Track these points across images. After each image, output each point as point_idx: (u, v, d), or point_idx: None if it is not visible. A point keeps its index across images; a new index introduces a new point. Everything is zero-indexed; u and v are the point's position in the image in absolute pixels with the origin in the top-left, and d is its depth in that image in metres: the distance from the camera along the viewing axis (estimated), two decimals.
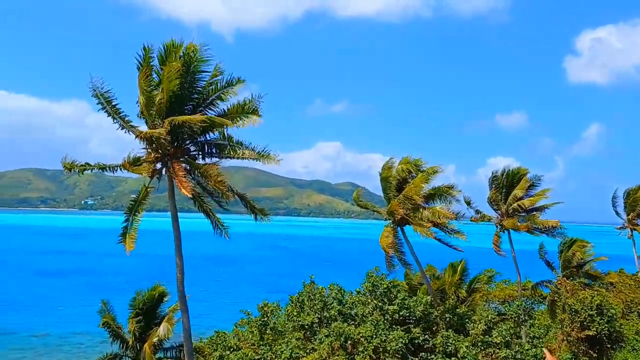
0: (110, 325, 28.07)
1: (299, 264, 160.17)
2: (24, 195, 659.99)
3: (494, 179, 40.06)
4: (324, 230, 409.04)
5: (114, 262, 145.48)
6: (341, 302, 31.26)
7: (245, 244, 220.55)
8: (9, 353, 62.83)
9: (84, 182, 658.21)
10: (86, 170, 20.00)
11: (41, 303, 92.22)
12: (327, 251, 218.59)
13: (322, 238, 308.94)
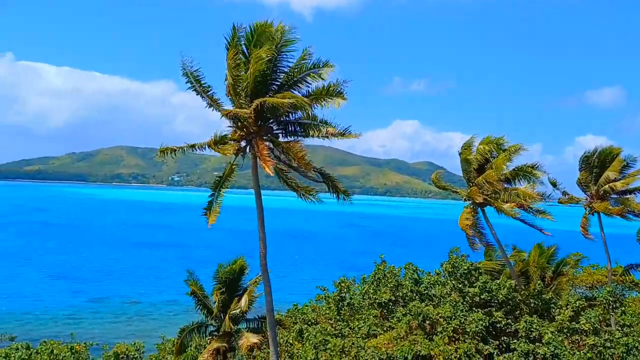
0: (196, 295, 29.42)
1: (375, 242, 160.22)
2: (118, 171, 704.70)
3: (584, 159, 37.63)
4: (400, 210, 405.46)
5: (200, 236, 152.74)
6: (417, 282, 31.05)
7: (322, 222, 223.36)
8: (105, 317, 67.80)
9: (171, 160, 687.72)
10: (177, 151, 20.94)
11: (134, 272, 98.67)
12: (403, 231, 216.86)
13: (399, 218, 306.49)
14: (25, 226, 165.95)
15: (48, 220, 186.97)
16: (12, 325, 56.86)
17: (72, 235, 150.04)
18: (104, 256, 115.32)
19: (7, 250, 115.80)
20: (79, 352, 27.33)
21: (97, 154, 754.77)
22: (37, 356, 26.69)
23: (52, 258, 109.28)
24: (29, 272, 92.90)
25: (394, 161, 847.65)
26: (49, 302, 72.85)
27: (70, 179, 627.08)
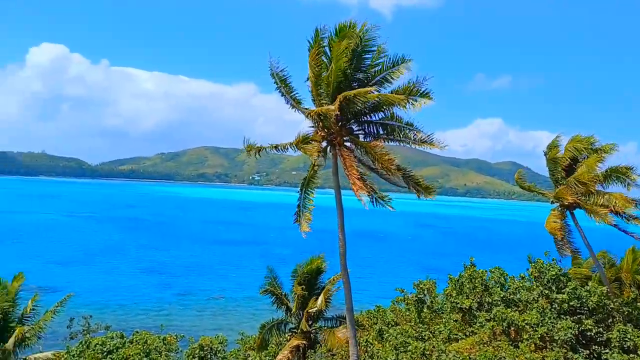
0: (273, 293, 30.03)
1: (455, 244, 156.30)
2: (202, 170, 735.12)
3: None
4: (481, 212, 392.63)
5: (279, 234, 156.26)
6: (503, 286, 29.99)
7: (400, 222, 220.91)
8: (190, 312, 70.99)
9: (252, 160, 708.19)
10: (261, 151, 21.54)
11: (217, 268, 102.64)
12: (485, 233, 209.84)
13: (480, 219, 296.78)
14: (119, 222, 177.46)
15: (139, 217, 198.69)
16: (107, 315, 60.94)
17: (160, 231, 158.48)
18: (190, 252, 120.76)
19: (104, 244, 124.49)
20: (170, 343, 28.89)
21: (184, 154, 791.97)
22: (130, 345, 28.47)
23: (143, 253, 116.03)
24: (123, 266, 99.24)
25: (474, 161, 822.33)
26: (140, 295, 77.42)
27: (159, 178, 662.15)
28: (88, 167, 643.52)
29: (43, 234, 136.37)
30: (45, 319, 25.00)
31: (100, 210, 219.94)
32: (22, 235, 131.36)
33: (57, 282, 78.13)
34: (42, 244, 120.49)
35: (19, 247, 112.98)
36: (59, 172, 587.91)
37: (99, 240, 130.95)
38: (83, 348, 28.47)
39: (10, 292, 24.75)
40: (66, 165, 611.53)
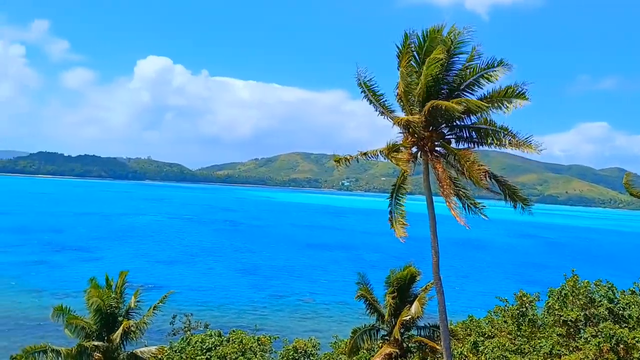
0: (367, 298, 29.91)
1: (555, 255, 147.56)
2: (294, 175, 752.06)
3: None
4: (585, 221, 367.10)
5: (369, 240, 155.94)
6: (612, 300, 27.84)
7: (496, 230, 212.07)
8: (282, 313, 72.52)
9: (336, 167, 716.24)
10: (350, 160, 21.70)
11: (308, 272, 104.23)
12: (589, 243, 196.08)
13: (583, 229, 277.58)
14: (217, 225, 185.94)
15: (235, 220, 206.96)
16: (206, 313, 63.92)
17: (254, 234, 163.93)
18: (281, 255, 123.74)
19: (203, 245, 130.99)
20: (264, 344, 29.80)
21: (276, 159, 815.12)
22: (227, 344, 29.68)
23: (238, 254, 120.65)
24: (220, 267, 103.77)
25: (577, 167, 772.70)
26: (235, 295, 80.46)
27: (253, 183, 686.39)
28: (188, 172, 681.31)
29: (149, 235, 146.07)
30: (149, 314, 26.58)
31: (200, 213, 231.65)
32: (131, 236, 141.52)
33: (160, 280, 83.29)
34: (148, 244, 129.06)
35: (129, 247, 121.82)
36: (162, 177, 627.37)
37: (198, 242, 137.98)
38: (184, 345, 30.08)
39: (117, 289, 26.67)
40: (169, 170, 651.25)
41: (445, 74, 20.09)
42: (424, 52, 19.58)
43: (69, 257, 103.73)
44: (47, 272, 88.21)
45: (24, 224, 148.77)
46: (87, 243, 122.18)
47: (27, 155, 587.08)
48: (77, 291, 68.23)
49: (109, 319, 25.59)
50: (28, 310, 64.49)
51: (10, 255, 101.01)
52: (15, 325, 59.00)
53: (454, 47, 19.57)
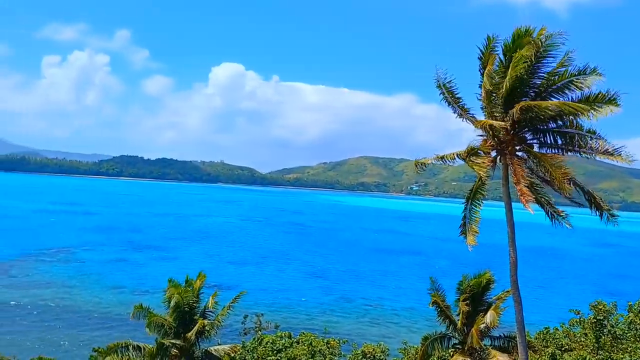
0: (439, 305, 29.25)
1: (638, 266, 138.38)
2: (362, 180, 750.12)
3: None
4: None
5: (439, 246, 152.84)
6: None
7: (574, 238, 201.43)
8: (350, 317, 72.44)
9: (410, 170, 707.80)
10: (426, 164, 21.37)
11: (376, 276, 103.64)
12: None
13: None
14: (286, 227, 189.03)
15: (304, 223, 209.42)
16: (276, 314, 65.06)
17: (323, 237, 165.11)
18: (349, 259, 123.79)
19: (273, 248, 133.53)
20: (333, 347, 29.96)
21: (345, 163, 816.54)
22: (297, 346, 30.09)
23: (307, 257, 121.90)
24: (289, 269, 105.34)
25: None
26: (304, 297, 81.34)
27: (322, 187, 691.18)
28: (259, 175, 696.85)
29: (221, 236, 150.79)
30: (222, 314, 27.37)
31: (270, 215, 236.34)
32: (205, 237, 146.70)
33: (232, 280, 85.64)
34: (220, 245, 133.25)
35: (203, 247, 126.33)
36: (234, 180, 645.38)
37: (268, 244, 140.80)
38: (256, 344, 30.79)
39: (195, 288, 27.65)
40: (240, 174, 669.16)
41: (532, 76, 19.35)
42: (510, 54, 18.95)
43: (147, 255, 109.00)
44: (128, 269, 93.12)
45: (107, 224, 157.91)
46: (164, 243, 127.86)
47: (110, 159, 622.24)
48: (155, 289, 71.61)
49: (186, 317, 26.58)
50: (110, 306, 68.34)
51: (94, 253, 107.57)
52: (98, 320, 62.70)
53: (542, 50, 18.80)
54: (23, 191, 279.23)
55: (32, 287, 74.75)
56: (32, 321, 60.10)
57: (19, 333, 55.47)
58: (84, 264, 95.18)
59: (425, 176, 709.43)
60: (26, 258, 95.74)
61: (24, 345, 50.77)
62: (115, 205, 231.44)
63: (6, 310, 63.02)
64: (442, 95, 21.17)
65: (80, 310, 66.00)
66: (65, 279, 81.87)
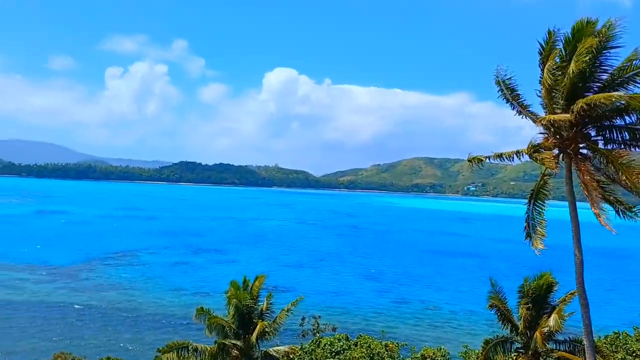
0: (499, 308, 28.51)
1: None
2: (416, 181, 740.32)
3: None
4: None
5: (498, 247, 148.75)
6: None
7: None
8: (407, 320, 71.41)
9: (466, 170, 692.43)
10: (483, 161, 20.87)
11: (433, 279, 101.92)
12: None
13: None
14: (341, 230, 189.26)
15: (359, 225, 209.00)
16: (332, 316, 65.05)
17: (378, 239, 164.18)
18: (405, 261, 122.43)
19: (328, 250, 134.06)
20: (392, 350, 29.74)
21: (398, 164, 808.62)
22: (355, 348, 30.09)
23: (363, 260, 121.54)
24: (345, 271, 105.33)
25: None
26: (360, 300, 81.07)
27: (375, 188, 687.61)
28: (313, 178, 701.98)
29: (277, 239, 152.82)
30: (281, 316, 27.74)
31: (324, 218, 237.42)
32: (262, 240, 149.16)
33: (288, 282, 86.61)
34: (276, 247, 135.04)
35: (260, 250, 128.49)
36: (289, 183, 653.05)
37: (323, 246, 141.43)
38: (314, 347, 31.01)
39: (253, 291, 28.14)
40: (295, 177, 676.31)
41: (595, 70, 18.58)
42: (571, 48, 18.25)
43: (207, 258, 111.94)
44: (189, 272, 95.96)
45: (169, 228, 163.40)
46: (223, 246, 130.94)
47: (170, 165, 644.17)
48: (215, 291, 73.47)
49: (245, 319, 27.12)
50: (172, 308, 70.60)
51: (157, 256, 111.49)
52: (162, 322, 64.88)
53: (606, 42, 18.00)
54: (90, 198, 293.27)
55: (100, 290, 78.32)
56: (100, 322, 62.97)
57: (88, 334, 58.25)
58: (148, 267, 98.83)
59: (483, 176, 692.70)
60: (93, 262, 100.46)
61: (93, 346, 53.25)
62: (175, 210, 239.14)
63: (76, 313, 66.31)
64: (501, 92, 20.67)
65: (145, 312, 68.54)
66: (130, 281, 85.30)
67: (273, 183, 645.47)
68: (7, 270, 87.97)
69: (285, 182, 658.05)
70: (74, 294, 75.33)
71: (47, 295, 73.83)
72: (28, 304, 68.51)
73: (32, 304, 68.66)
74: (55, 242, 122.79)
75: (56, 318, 63.38)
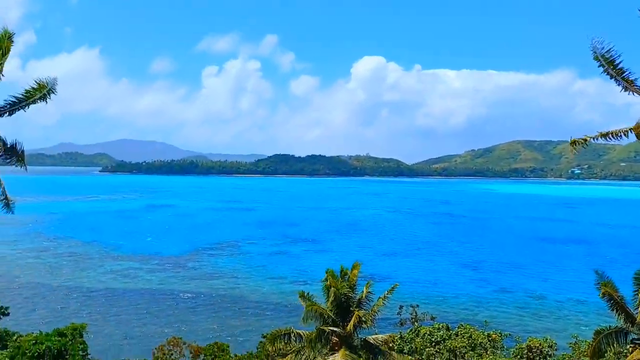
0: (612, 297, 26.82)
1: None
2: (515, 165, 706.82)
3: None
4: None
5: (609, 233, 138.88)
6: None
7: None
8: (509, 310, 69.12)
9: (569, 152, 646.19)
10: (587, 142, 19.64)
11: (536, 267, 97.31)
12: None
13: None
14: (436, 218, 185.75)
15: (454, 213, 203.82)
16: (430, 305, 64.38)
17: (474, 227, 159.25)
18: (505, 248, 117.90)
19: (423, 239, 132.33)
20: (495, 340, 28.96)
21: (494, 149, 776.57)
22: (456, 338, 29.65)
23: (459, 248, 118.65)
24: (441, 260, 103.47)
25: None
26: (459, 289, 79.38)
27: (471, 175, 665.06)
28: (405, 166, 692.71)
29: (371, 228, 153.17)
30: (378, 304, 27.89)
31: (418, 206, 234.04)
32: (356, 229, 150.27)
33: (384, 271, 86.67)
34: (371, 236, 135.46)
35: (354, 239, 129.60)
36: (380, 172, 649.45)
37: (417, 235, 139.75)
38: (413, 336, 30.95)
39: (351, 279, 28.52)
40: (386, 166, 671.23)
41: None
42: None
43: (303, 248, 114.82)
44: (287, 261, 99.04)
45: (266, 219, 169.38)
46: (318, 235, 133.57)
47: (266, 158, 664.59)
48: (312, 279, 75.37)
49: (343, 306, 27.61)
50: (272, 296, 73.42)
51: (257, 246, 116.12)
52: (264, 308, 67.74)
53: None
54: (194, 192, 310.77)
55: (206, 279, 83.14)
56: (207, 309, 66.96)
57: (197, 320, 62.20)
58: (248, 256, 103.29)
59: (589, 158, 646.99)
60: (199, 252, 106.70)
61: (202, 332, 56.77)
62: (272, 201, 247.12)
63: (185, 300, 70.98)
64: (602, 67, 19.28)
65: (248, 299, 71.89)
66: (233, 270, 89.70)
67: (365, 172, 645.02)
68: (123, 261, 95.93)
69: (377, 171, 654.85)
70: (182, 282, 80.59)
71: (159, 283, 79.65)
72: (142, 292, 74.37)
73: (145, 292, 74.46)
74: (164, 234, 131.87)
75: (168, 305, 68.27)
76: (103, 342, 51.58)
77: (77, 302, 68.57)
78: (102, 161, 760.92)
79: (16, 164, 27.44)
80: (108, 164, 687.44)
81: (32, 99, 26.18)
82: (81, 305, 67.12)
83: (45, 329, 37.24)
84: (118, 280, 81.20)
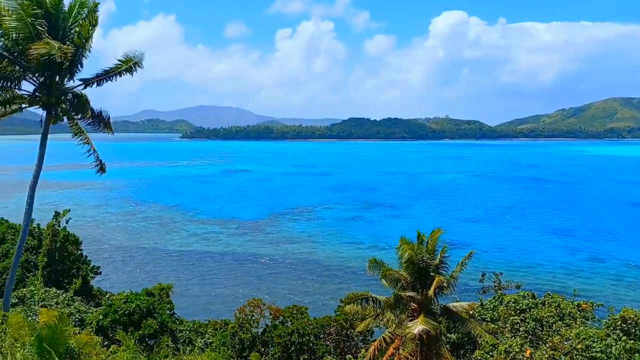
0: None
1: None
2: (610, 125, 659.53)
3: None
4: None
5: None
6: None
7: None
8: (602, 279, 64.77)
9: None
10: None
11: (633, 234, 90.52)
12: None
13: None
14: (521, 182, 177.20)
15: (541, 177, 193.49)
16: (515, 273, 61.40)
17: (564, 192, 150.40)
18: (598, 215, 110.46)
19: (507, 204, 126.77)
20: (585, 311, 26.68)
21: (588, 108, 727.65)
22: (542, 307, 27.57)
23: (547, 214, 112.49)
24: (527, 227, 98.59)
25: None
26: (546, 257, 75.32)
27: (560, 136, 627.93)
28: (488, 128, 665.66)
29: (451, 193, 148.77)
30: (457, 270, 26.46)
31: (502, 170, 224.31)
32: (434, 194, 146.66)
33: (466, 238, 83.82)
34: (450, 202, 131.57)
35: (433, 204, 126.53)
36: (460, 135, 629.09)
37: (501, 200, 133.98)
38: (496, 303, 29.15)
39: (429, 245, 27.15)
40: (467, 128, 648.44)
41: None
42: None
43: (380, 213, 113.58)
44: (364, 226, 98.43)
45: (342, 184, 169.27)
46: (395, 201, 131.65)
47: (340, 122, 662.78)
48: (389, 245, 74.17)
49: (421, 272, 26.40)
50: (349, 260, 73.25)
51: (332, 211, 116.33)
52: (340, 272, 67.80)
53: None
54: (269, 157, 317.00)
55: (283, 243, 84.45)
56: (285, 272, 68.03)
57: (276, 283, 63.36)
58: (324, 221, 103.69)
59: None
60: (276, 216, 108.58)
61: (280, 294, 57.69)
62: (347, 166, 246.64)
63: (264, 263, 72.49)
64: None
65: (325, 263, 72.24)
66: (310, 235, 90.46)
67: (444, 135, 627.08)
68: (204, 224, 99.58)
69: (457, 133, 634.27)
70: (261, 246, 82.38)
71: (238, 246, 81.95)
72: (223, 255, 76.88)
73: (226, 255, 76.92)
74: (242, 198, 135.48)
75: (247, 268, 70.09)
76: (188, 302, 53.75)
77: (163, 264, 72.04)
78: (182, 128, 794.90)
79: (103, 130, 28.23)
80: (187, 130, 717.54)
81: (119, 70, 26.63)
82: (167, 267, 70.46)
83: (135, 288, 39.09)
84: (200, 243, 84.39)
